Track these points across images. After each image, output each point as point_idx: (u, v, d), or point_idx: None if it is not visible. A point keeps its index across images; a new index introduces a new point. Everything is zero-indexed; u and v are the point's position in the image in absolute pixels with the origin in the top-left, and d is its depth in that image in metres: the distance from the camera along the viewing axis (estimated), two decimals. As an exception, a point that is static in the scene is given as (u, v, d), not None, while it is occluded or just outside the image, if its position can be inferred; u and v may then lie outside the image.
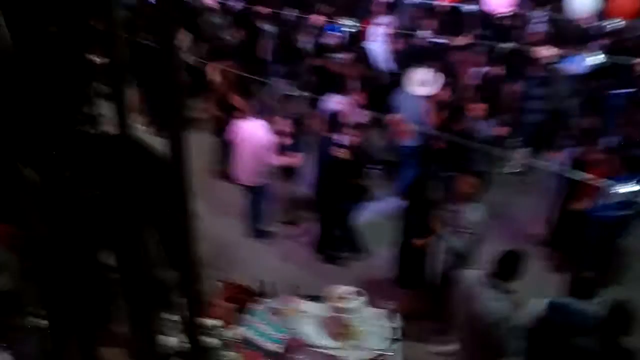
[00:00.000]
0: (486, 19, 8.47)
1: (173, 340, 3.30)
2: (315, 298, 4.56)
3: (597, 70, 7.42)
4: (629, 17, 7.76)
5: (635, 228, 5.81)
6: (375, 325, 4.32)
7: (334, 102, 6.77)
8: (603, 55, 6.09)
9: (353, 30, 7.46)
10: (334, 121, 6.13)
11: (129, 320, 1.88)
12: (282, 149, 6.26)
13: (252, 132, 6.26)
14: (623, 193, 5.10)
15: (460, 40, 7.23)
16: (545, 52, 6.30)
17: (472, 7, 7.74)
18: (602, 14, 7.74)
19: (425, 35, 7.17)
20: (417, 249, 5.25)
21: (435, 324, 5.27)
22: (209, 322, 3.15)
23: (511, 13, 7.21)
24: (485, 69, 7.56)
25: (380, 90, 7.32)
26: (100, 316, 1.87)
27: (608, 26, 7.60)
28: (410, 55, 8.03)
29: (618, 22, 7.37)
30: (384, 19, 8.89)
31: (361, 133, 6.21)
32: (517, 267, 4.01)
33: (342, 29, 7.47)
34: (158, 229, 1.80)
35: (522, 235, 6.62)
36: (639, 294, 4.63)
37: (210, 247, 1.82)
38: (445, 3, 7.65)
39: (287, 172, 6.40)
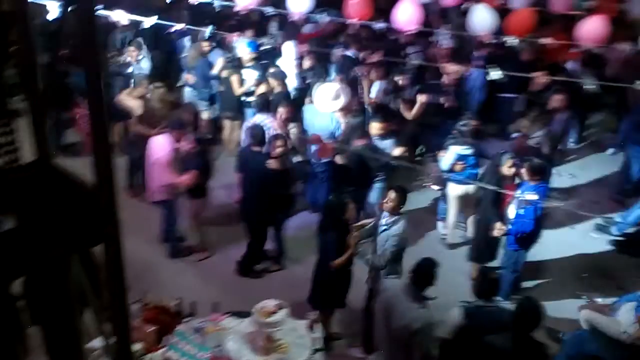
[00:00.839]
0: (396, 36, 8.88)
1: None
2: (237, 314, 4.55)
3: (496, 82, 7.99)
4: (524, 34, 8.36)
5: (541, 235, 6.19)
6: (297, 336, 4.37)
7: (260, 117, 6.83)
8: (500, 71, 6.55)
9: (270, 46, 7.56)
10: (260, 135, 6.15)
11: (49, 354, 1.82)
12: (184, 166, 6.20)
13: (157, 148, 6.26)
14: (532, 202, 5.41)
15: (373, 56, 7.51)
16: (452, 66, 6.69)
17: (381, 25, 8.08)
18: (500, 31, 8.27)
19: (337, 50, 7.39)
20: (335, 269, 5.07)
21: (358, 335, 5.41)
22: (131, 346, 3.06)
23: (418, 30, 7.59)
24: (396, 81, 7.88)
25: (294, 105, 7.47)
26: (16, 350, 1.79)
27: (506, 42, 8.14)
28: (320, 69, 8.28)
29: (514, 39, 7.92)
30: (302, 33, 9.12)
31: (287, 146, 6.30)
32: (432, 274, 4.19)
33: (260, 45, 7.57)
34: (81, 256, 1.76)
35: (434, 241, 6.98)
36: (548, 293, 5.03)
37: (128, 269, 1.79)
38: (356, 20, 7.92)
39: (196, 190, 6.31)
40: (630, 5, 10.48)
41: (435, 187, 6.87)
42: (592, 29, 7.44)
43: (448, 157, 6.52)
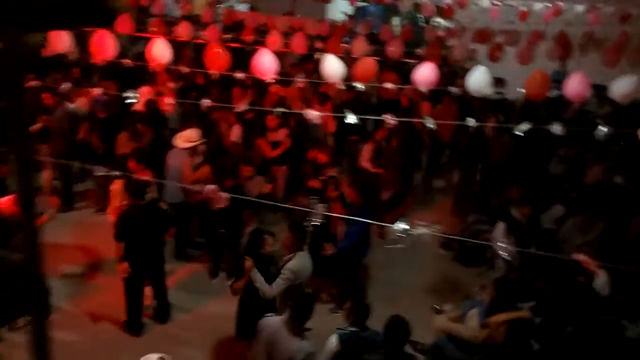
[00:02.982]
0: (257, 85, 9.46)
1: None
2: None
3: (351, 125, 8.84)
4: (368, 80, 9.31)
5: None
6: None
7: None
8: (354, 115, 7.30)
9: (132, 100, 7.65)
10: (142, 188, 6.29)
11: None
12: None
13: None
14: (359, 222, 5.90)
15: (239, 107, 8.06)
16: (313, 113, 7.39)
17: (242, 75, 8.59)
18: (349, 78, 9.14)
19: (206, 102, 7.77)
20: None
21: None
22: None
23: (276, 79, 8.14)
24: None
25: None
26: None
27: (355, 88, 9.00)
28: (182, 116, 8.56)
29: (361, 85, 8.79)
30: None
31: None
32: (311, 308, 4.47)
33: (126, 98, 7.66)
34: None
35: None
36: (407, 308, 5.60)
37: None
38: (216, 71, 8.29)
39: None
40: (451, 51, 12.21)
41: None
42: (425, 73, 8.48)
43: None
